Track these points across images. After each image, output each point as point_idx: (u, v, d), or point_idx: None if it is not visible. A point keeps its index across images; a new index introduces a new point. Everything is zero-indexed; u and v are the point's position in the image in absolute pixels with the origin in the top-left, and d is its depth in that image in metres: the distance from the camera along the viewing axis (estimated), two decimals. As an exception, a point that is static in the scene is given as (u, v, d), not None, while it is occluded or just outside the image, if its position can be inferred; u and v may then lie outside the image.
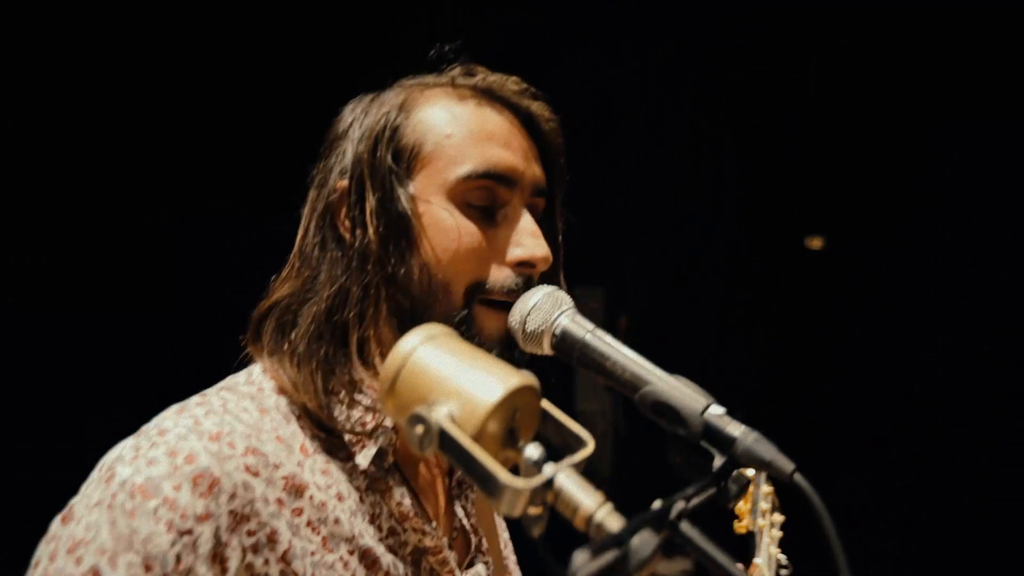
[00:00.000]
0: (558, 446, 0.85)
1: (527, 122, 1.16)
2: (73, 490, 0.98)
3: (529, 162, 1.13)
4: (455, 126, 1.09)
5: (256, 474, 0.97)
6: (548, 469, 0.76)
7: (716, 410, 0.87)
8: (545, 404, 0.83)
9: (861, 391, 4.50)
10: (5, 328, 2.86)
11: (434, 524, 1.13)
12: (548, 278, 1.14)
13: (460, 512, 1.23)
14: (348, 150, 1.12)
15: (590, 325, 1.00)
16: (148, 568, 0.88)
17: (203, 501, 0.92)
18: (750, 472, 1.28)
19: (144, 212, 3.16)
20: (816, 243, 4.97)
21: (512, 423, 0.79)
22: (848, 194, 4.49)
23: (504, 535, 1.36)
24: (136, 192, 3.16)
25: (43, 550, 0.93)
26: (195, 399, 1.04)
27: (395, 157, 1.09)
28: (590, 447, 0.82)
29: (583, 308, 1.06)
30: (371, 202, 1.07)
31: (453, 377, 0.79)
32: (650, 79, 4.51)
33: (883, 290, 4.46)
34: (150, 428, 0.99)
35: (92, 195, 3.09)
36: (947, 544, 4.06)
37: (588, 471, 0.85)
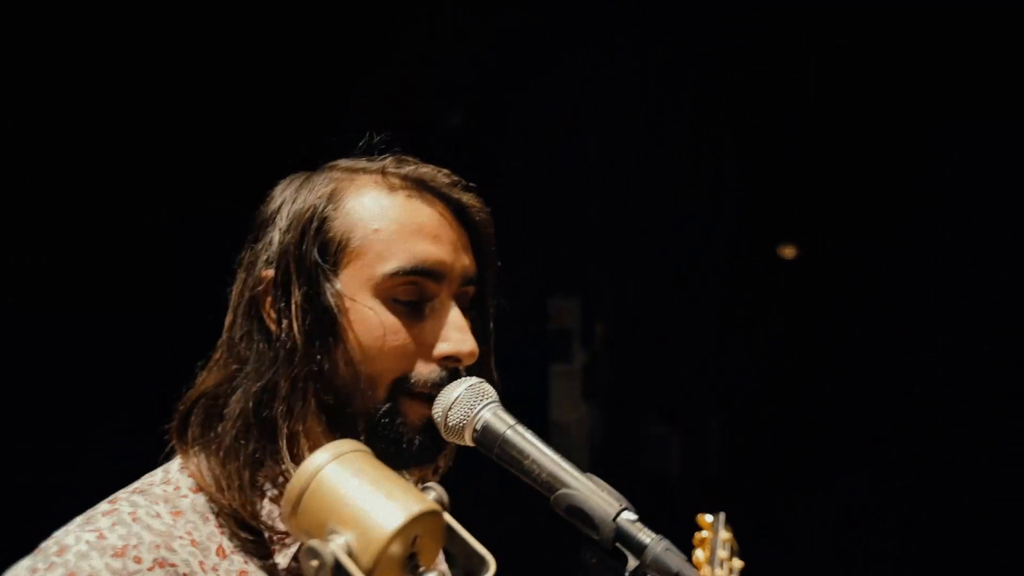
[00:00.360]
0: (463, 565, 0.86)
1: (458, 212, 1.15)
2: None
3: (458, 253, 1.13)
4: (383, 220, 1.08)
5: None
6: None
7: (628, 516, 0.89)
8: (450, 521, 0.83)
9: (852, 394, 4.50)
10: (5, 328, 2.85)
11: None
12: (479, 364, 1.15)
13: None
14: (275, 238, 1.10)
15: (511, 420, 1.01)
16: None
17: None
18: (708, 518, 1.30)
19: (144, 212, 3.16)
20: (789, 252, 4.96)
21: (413, 548, 0.79)
22: (836, 199, 4.48)
23: None
24: (136, 192, 3.15)
25: None
26: (103, 506, 1.00)
27: (322, 250, 1.07)
28: (491, 570, 0.84)
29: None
30: (296, 296, 1.06)
31: (354, 502, 0.78)
32: (628, 86, 4.50)
33: (873, 293, 4.46)
34: (49, 545, 0.95)
35: (92, 195, 3.09)
36: (947, 544, 4.06)
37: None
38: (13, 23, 2.89)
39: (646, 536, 0.88)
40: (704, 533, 1.31)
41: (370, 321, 1.06)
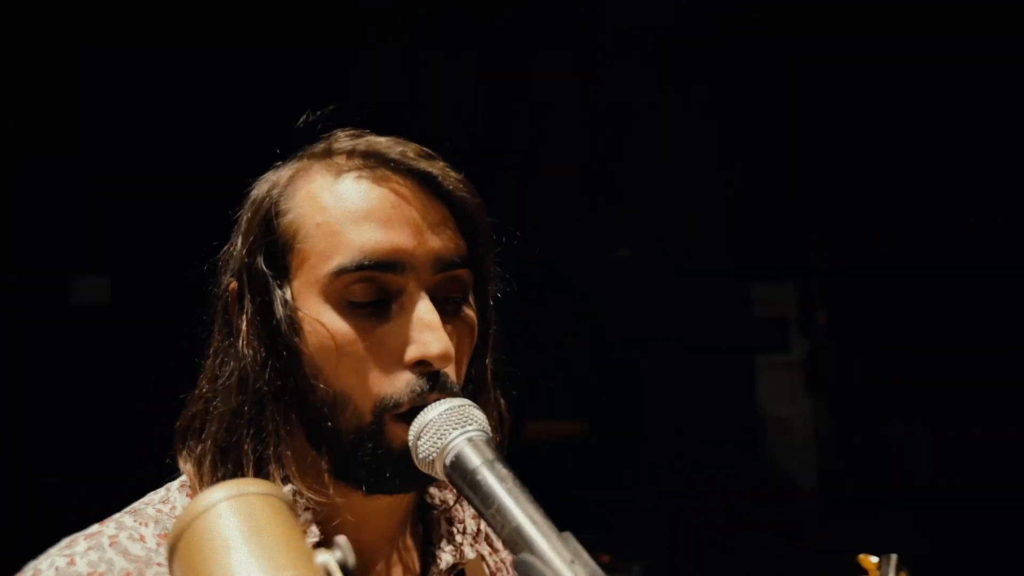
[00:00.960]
0: None
1: (427, 185, 0.98)
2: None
3: (424, 235, 0.95)
4: (327, 211, 0.95)
5: None
6: None
7: None
8: None
9: None
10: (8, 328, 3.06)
11: None
12: (476, 361, 1.01)
13: None
14: (236, 243, 1.00)
15: (490, 455, 0.85)
16: None
17: None
18: (872, 559, 1.01)
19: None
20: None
21: None
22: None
23: None
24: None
25: None
26: (93, 527, 0.95)
27: (270, 256, 0.97)
28: None
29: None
30: (250, 308, 0.96)
31: (219, 561, 0.65)
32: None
33: None
34: (26, 571, 0.90)
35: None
36: None
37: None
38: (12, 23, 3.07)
39: None
40: (866, 579, 1.01)
41: (319, 331, 0.94)
